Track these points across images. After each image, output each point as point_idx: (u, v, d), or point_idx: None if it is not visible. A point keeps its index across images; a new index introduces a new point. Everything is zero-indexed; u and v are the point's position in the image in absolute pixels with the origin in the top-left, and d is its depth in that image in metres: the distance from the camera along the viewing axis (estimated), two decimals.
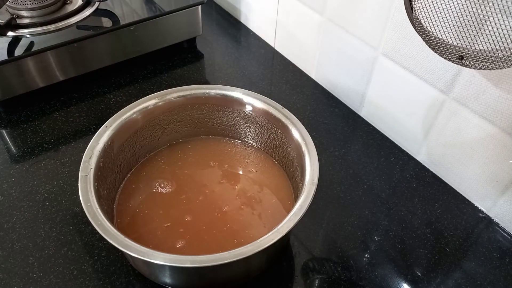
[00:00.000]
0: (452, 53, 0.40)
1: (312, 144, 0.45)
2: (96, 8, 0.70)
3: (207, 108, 0.53)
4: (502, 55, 0.36)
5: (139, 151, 0.52)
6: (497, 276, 0.47)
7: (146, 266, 0.42)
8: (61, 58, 0.64)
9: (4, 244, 0.47)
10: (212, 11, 0.88)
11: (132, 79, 0.70)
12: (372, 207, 0.53)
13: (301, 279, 0.46)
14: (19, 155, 0.58)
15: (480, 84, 0.46)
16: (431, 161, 0.57)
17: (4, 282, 0.44)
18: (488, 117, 0.47)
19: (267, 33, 0.78)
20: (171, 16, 0.70)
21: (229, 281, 0.44)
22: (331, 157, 0.59)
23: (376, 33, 0.56)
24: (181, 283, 0.44)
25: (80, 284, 0.44)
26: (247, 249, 0.36)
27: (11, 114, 0.63)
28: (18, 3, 0.65)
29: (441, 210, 0.53)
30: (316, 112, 0.66)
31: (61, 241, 0.48)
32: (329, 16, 0.62)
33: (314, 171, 0.43)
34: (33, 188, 0.53)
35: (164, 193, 0.50)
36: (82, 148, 0.44)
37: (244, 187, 0.51)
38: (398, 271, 0.47)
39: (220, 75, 0.72)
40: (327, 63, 0.67)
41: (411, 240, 0.49)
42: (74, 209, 0.51)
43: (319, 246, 0.49)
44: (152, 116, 0.51)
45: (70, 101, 0.66)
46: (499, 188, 0.50)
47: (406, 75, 0.55)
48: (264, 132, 0.52)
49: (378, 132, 0.63)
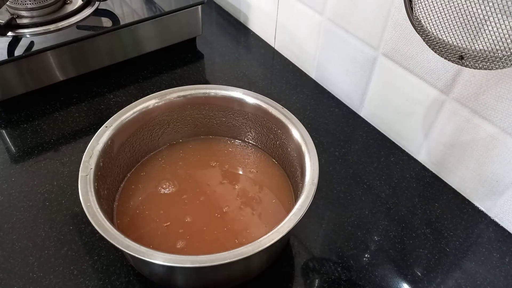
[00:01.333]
0: (452, 53, 0.40)
1: (312, 144, 0.45)
2: (96, 8, 0.70)
3: (207, 108, 0.53)
4: (502, 55, 0.36)
5: (139, 151, 0.52)
6: (497, 276, 0.47)
7: (146, 266, 0.42)
8: (61, 58, 0.64)
9: (4, 244, 0.47)
10: (212, 11, 0.88)
11: (132, 79, 0.70)
12: (372, 207, 0.53)
13: (301, 279, 0.46)
14: (19, 155, 0.58)
15: (480, 84, 0.46)
16: (431, 161, 0.57)
17: (4, 282, 0.44)
18: (488, 117, 0.47)
19: (267, 33, 0.78)
20: (171, 16, 0.70)
21: (229, 281, 0.44)
22: (331, 157, 0.59)
23: (376, 33, 0.56)
24: (181, 283, 0.44)
25: (80, 284, 0.44)
26: (247, 249, 0.36)
27: (11, 114, 0.63)
28: (18, 3, 0.65)
29: (441, 210, 0.53)
30: (316, 112, 0.66)
31: (61, 241, 0.48)
32: (329, 16, 0.62)
33: (314, 171, 0.43)
34: (33, 188, 0.53)
35: (164, 193, 0.50)
36: (82, 148, 0.44)
37: (244, 187, 0.51)
38: (398, 271, 0.47)
39: (220, 75, 0.72)
40: (327, 63, 0.67)
41: (411, 240, 0.49)
42: (74, 209, 0.51)
43: (319, 246, 0.49)
44: (152, 116, 0.51)
45: (70, 101, 0.66)
46: (499, 188, 0.50)
47: (406, 75, 0.55)
48: (264, 132, 0.52)
49: (378, 132, 0.63)
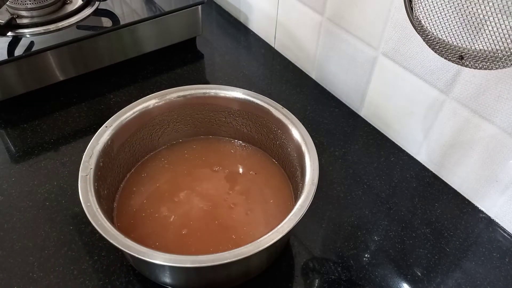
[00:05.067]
0: (452, 53, 0.40)
1: (312, 144, 0.45)
2: (96, 8, 0.70)
3: (207, 108, 0.53)
4: (502, 55, 0.36)
5: (139, 151, 0.52)
6: (497, 276, 0.47)
7: (146, 266, 0.42)
8: (61, 58, 0.64)
9: (4, 244, 0.47)
10: (212, 11, 0.88)
11: (132, 79, 0.70)
12: (372, 207, 0.53)
13: (301, 279, 0.46)
14: (19, 155, 0.58)
15: (480, 84, 0.46)
16: (431, 161, 0.57)
17: (4, 282, 0.44)
18: (488, 117, 0.47)
19: (267, 33, 0.78)
20: (171, 16, 0.70)
21: (229, 281, 0.44)
22: (331, 157, 0.59)
23: (376, 33, 0.56)
24: (181, 283, 0.44)
25: (80, 284, 0.44)
26: (247, 249, 0.36)
27: (11, 114, 0.63)
28: (18, 3, 0.65)
29: (441, 210, 0.53)
30: (316, 112, 0.66)
31: (61, 241, 0.48)
32: (329, 16, 0.62)
33: (314, 171, 0.43)
34: (33, 188, 0.53)
35: (164, 193, 0.50)
36: (82, 148, 0.44)
37: (244, 187, 0.51)
38: (398, 271, 0.47)
39: (220, 75, 0.72)
40: (327, 63, 0.67)
41: (411, 240, 0.49)
42: (74, 209, 0.51)
43: (319, 246, 0.49)
44: (152, 116, 0.51)
45: (70, 101, 0.66)
46: (499, 188, 0.50)
47: (406, 75, 0.55)
48: (264, 132, 0.52)
49: (378, 132, 0.63)
